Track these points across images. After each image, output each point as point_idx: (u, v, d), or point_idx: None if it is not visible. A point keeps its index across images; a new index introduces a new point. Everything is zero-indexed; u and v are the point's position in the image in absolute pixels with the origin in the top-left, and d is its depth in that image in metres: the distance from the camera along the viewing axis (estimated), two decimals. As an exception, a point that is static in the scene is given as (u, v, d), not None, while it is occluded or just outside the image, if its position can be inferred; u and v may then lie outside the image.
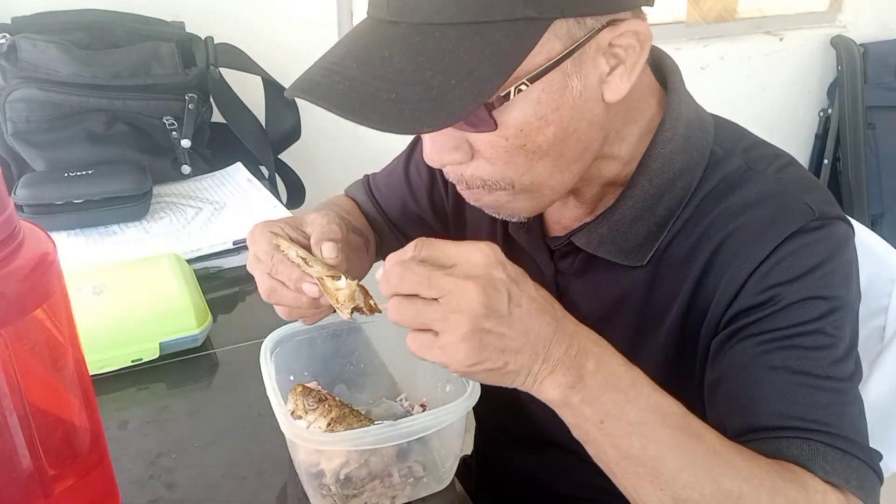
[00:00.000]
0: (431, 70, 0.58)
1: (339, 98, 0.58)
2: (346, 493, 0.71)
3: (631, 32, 0.63)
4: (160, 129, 1.32)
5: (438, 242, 0.58)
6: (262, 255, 0.71)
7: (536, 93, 0.62)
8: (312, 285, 0.68)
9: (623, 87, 0.65)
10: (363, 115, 0.58)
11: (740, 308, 0.68)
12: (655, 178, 0.72)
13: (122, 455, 0.78)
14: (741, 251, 0.68)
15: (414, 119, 0.57)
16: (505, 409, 0.89)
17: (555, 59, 0.61)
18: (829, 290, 0.66)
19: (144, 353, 0.91)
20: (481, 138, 0.64)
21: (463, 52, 0.58)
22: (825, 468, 0.62)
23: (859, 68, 2.18)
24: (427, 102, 0.57)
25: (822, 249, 0.66)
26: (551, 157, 0.66)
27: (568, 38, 0.61)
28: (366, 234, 0.97)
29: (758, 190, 0.70)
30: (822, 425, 0.63)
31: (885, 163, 2.26)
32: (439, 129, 0.59)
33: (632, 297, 0.76)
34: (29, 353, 0.54)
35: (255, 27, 1.56)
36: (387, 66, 0.59)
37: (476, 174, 0.67)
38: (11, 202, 0.52)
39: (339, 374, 0.84)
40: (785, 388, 0.65)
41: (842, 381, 0.65)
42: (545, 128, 0.64)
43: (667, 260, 0.73)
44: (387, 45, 0.60)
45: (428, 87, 0.58)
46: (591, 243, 0.75)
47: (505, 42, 0.58)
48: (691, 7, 2.08)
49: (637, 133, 0.73)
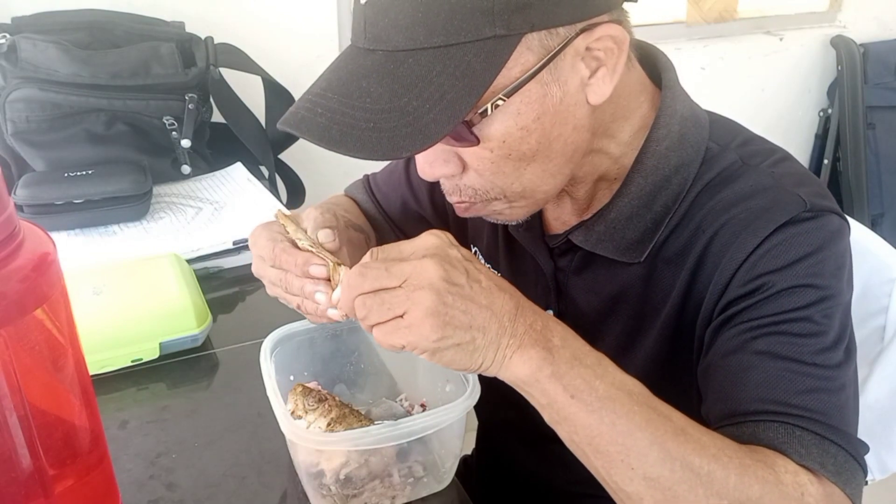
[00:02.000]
0: (406, 96, 0.60)
1: (322, 131, 0.61)
2: (346, 493, 0.71)
3: (607, 37, 0.64)
4: (160, 129, 1.32)
5: (391, 244, 0.60)
6: (264, 249, 0.71)
7: (515, 105, 0.63)
8: (321, 266, 0.68)
9: (606, 89, 0.66)
10: (344, 145, 0.60)
11: (731, 297, 0.68)
12: (651, 176, 0.72)
13: (122, 455, 0.78)
14: (733, 241, 0.68)
15: (392, 146, 0.59)
16: (507, 406, 0.89)
17: (530, 72, 0.62)
18: (819, 278, 0.66)
19: (144, 353, 0.91)
20: (469, 151, 0.66)
21: (435, 76, 0.60)
22: (800, 451, 0.61)
23: (859, 68, 2.18)
24: (404, 129, 0.59)
25: (813, 239, 0.66)
26: (539, 163, 0.67)
27: (541, 49, 0.62)
28: (366, 230, 0.97)
29: (751, 183, 0.70)
30: (802, 410, 0.62)
31: (885, 163, 2.26)
32: (417, 153, 0.62)
33: (629, 293, 0.76)
34: (29, 353, 0.54)
35: (255, 27, 1.56)
36: (365, 96, 0.61)
37: (469, 184, 0.69)
38: (11, 202, 0.52)
39: (339, 374, 0.84)
40: (768, 373, 0.64)
41: (828, 369, 0.64)
42: (528, 137, 0.65)
43: (663, 255, 0.73)
44: (364, 74, 0.62)
45: (404, 112, 0.60)
46: (588, 241, 0.76)
47: (475, 62, 0.60)
48: (691, 7, 2.08)
49: (629, 130, 0.73)
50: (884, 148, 2.26)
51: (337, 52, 1.65)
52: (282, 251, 0.70)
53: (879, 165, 2.26)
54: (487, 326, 0.58)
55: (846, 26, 2.24)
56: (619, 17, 0.66)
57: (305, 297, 0.68)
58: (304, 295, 0.68)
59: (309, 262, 0.68)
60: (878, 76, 2.22)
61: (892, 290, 0.91)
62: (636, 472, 0.59)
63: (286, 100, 1.48)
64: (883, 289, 0.91)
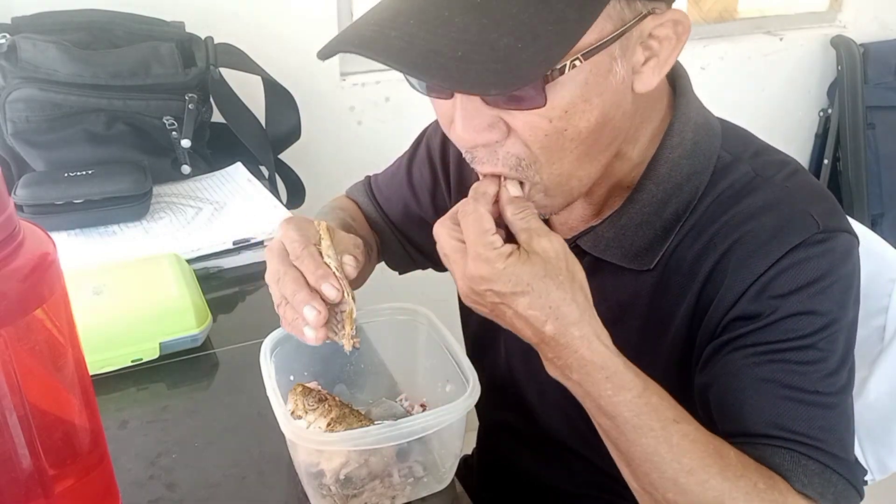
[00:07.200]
0: (497, 32, 0.56)
1: (398, 53, 0.56)
2: (346, 493, 0.71)
3: (671, 22, 0.63)
4: (160, 129, 1.32)
5: None
6: (293, 242, 0.69)
7: (585, 73, 0.61)
8: (334, 289, 0.66)
9: (654, 80, 0.65)
10: (427, 71, 0.56)
11: (735, 316, 0.68)
12: (663, 183, 0.72)
13: (122, 455, 0.78)
14: (744, 260, 0.68)
15: (481, 80, 0.55)
16: (507, 406, 0.89)
17: (606, 39, 0.60)
18: (824, 305, 0.66)
19: (144, 353, 0.91)
20: (522, 118, 0.63)
21: (528, 17, 0.57)
22: (803, 480, 0.63)
23: (859, 68, 2.18)
24: (493, 64, 0.55)
25: (822, 263, 0.67)
26: (585, 146, 0.65)
27: (619, 19, 0.61)
28: (369, 240, 0.97)
29: (765, 198, 0.70)
30: (807, 438, 0.64)
31: (885, 163, 2.26)
32: (506, 92, 0.58)
33: (638, 301, 0.76)
34: (29, 353, 0.54)
35: (255, 27, 1.56)
36: (449, 26, 0.56)
37: (512, 152, 0.65)
38: (11, 202, 0.52)
39: (339, 374, 0.84)
40: (772, 400, 0.66)
41: (830, 396, 0.66)
42: (589, 112, 0.63)
43: (673, 264, 0.73)
44: (446, 4, 0.57)
45: (494, 48, 0.56)
46: (597, 247, 0.75)
47: (569, 11, 0.57)
48: (691, 7, 2.08)
49: (648, 134, 0.73)
50: (884, 148, 2.25)
51: (337, 52, 1.65)
52: (309, 255, 0.67)
53: (879, 165, 2.26)
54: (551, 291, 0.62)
55: (846, 26, 2.24)
56: None
57: (295, 303, 0.66)
58: (295, 302, 0.66)
59: (326, 278, 0.66)
60: (878, 76, 2.22)
61: (892, 290, 0.91)
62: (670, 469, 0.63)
63: (286, 100, 1.48)
64: (883, 289, 0.91)
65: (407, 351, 0.83)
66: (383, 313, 0.82)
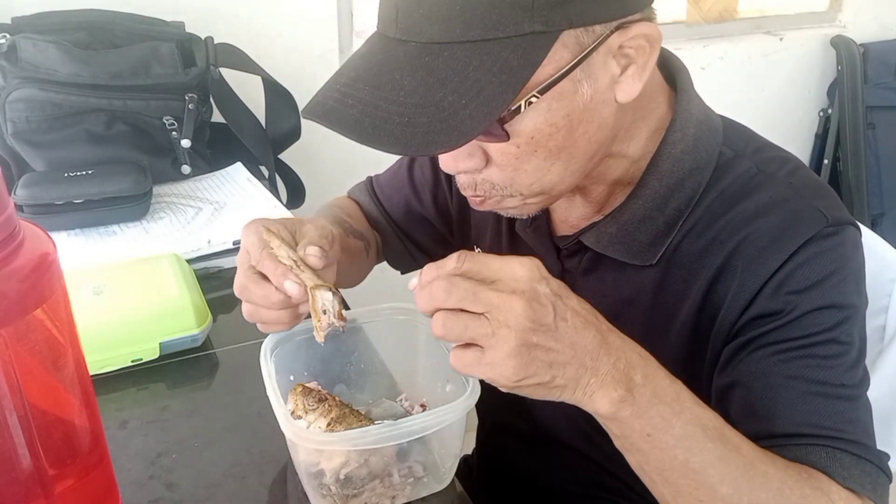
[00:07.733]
0: (441, 91, 0.58)
1: (354, 123, 0.60)
2: (346, 493, 0.71)
3: (640, 35, 0.63)
4: (160, 129, 1.32)
5: (481, 256, 0.57)
6: (252, 247, 0.71)
7: (547, 102, 0.62)
8: (296, 285, 0.68)
9: (635, 88, 0.65)
10: (377, 139, 0.59)
11: (754, 315, 0.68)
12: (665, 178, 0.72)
13: (122, 455, 0.78)
14: (756, 258, 0.68)
15: (426, 141, 0.58)
16: (507, 406, 0.89)
17: (564, 70, 0.61)
18: (842, 297, 0.67)
19: (144, 353, 0.91)
20: (494, 147, 0.65)
21: (472, 71, 0.58)
22: (843, 475, 0.63)
23: (859, 68, 2.18)
24: (438, 124, 0.58)
25: (835, 257, 0.67)
26: (562, 161, 0.66)
27: (577, 46, 0.61)
28: (367, 237, 0.97)
29: (771, 195, 0.70)
30: (838, 432, 0.65)
31: (885, 163, 2.26)
32: (451, 149, 0.60)
33: (640, 297, 0.76)
34: (29, 353, 0.54)
35: (255, 27, 1.56)
36: (398, 89, 0.59)
37: (488, 179, 0.68)
38: (11, 202, 0.52)
39: (339, 374, 0.84)
40: (802, 397, 0.66)
41: (854, 388, 0.67)
42: (556, 133, 0.64)
43: (676, 260, 0.73)
44: (397, 66, 0.60)
45: (439, 108, 0.58)
46: (600, 242, 0.75)
47: (513, 58, 0.59)
48: (691, 7, 2.08)
49: (646, 131, 0.73)
50: (884, 148, 2.25)
51: (337, 52, 1.65)
52: (267, 256, 0.70)
53: (879, 165, 2.26)
54: (568, 364, 0.57)
55: (846, 26, 2.24)
56: (650, 15, 0.66)
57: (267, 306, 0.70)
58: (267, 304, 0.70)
59: (286, 275, 0.68)
60: (878, 76, 2.22)
61: (892, 290, 0.91)
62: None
63: (286, 100, 1.47)
64: (883, 289, 0.91)
65: (407, 351, 0.83)
66: (383, 313, 0.82)
